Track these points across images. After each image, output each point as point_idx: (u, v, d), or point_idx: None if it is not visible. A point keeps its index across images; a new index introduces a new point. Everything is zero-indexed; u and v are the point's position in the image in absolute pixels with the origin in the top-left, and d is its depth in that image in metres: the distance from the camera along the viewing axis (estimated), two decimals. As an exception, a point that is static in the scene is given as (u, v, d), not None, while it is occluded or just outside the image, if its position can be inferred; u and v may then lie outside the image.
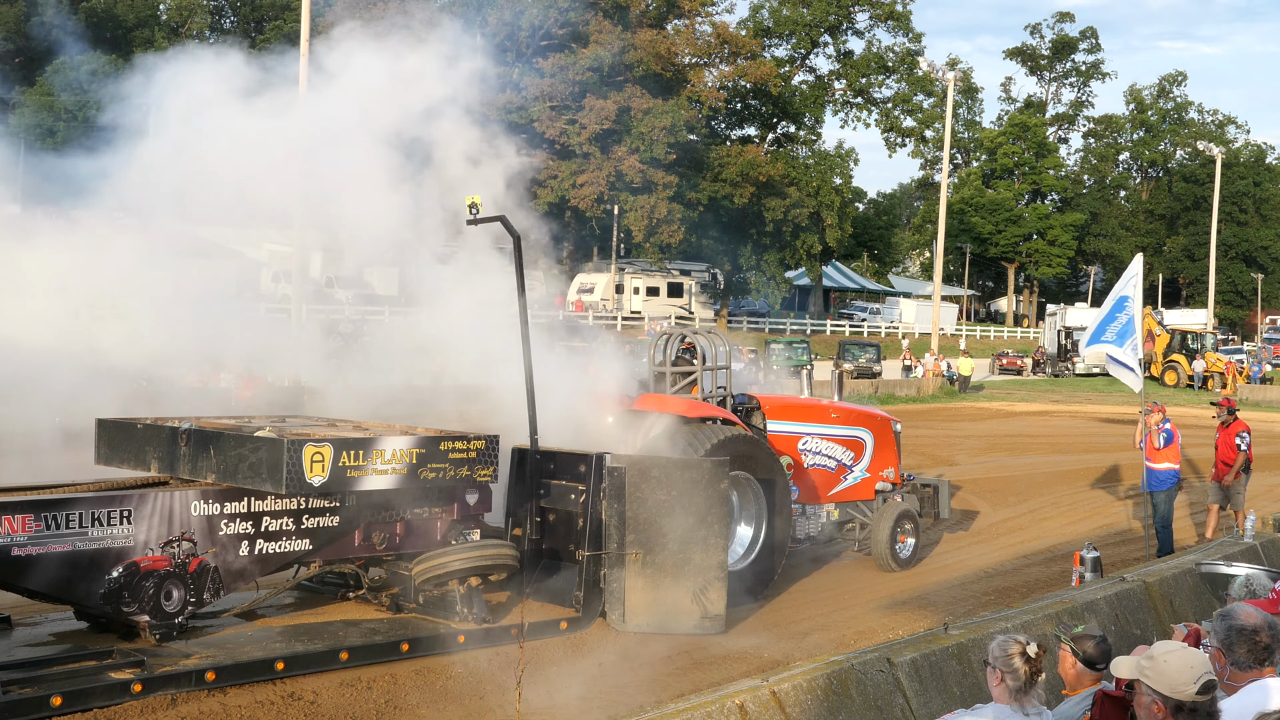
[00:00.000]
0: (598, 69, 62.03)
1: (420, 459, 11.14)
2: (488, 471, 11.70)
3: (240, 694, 9.91)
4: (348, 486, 10.81)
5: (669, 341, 15.55)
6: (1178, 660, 5.39)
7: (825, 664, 8.73)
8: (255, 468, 10.49)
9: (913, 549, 16.67)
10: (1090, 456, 30.24)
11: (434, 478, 11.29)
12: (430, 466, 11.21)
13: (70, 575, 9.92)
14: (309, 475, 10.41)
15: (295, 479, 10.34)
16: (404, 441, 11.12)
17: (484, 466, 11.65)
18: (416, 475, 11.15)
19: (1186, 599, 12.56)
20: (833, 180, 77.25)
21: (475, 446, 11.55)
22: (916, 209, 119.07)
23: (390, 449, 10.97)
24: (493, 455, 11.68)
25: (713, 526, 12.50)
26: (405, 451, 11.05)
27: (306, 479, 10.41)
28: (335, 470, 10.57)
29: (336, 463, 10.57)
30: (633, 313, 69.20)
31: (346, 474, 10.68)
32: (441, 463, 11.30)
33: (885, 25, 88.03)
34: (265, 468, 10.42)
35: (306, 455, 10.39)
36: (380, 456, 10.90)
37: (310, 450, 10.42)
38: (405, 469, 11.06)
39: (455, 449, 11.39)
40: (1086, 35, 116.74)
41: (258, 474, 10.48)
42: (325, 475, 10.52)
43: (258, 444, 10.55)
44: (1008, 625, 9.84)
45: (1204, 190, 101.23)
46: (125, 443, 11.84)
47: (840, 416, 16.67)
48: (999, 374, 67.48)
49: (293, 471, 10.29)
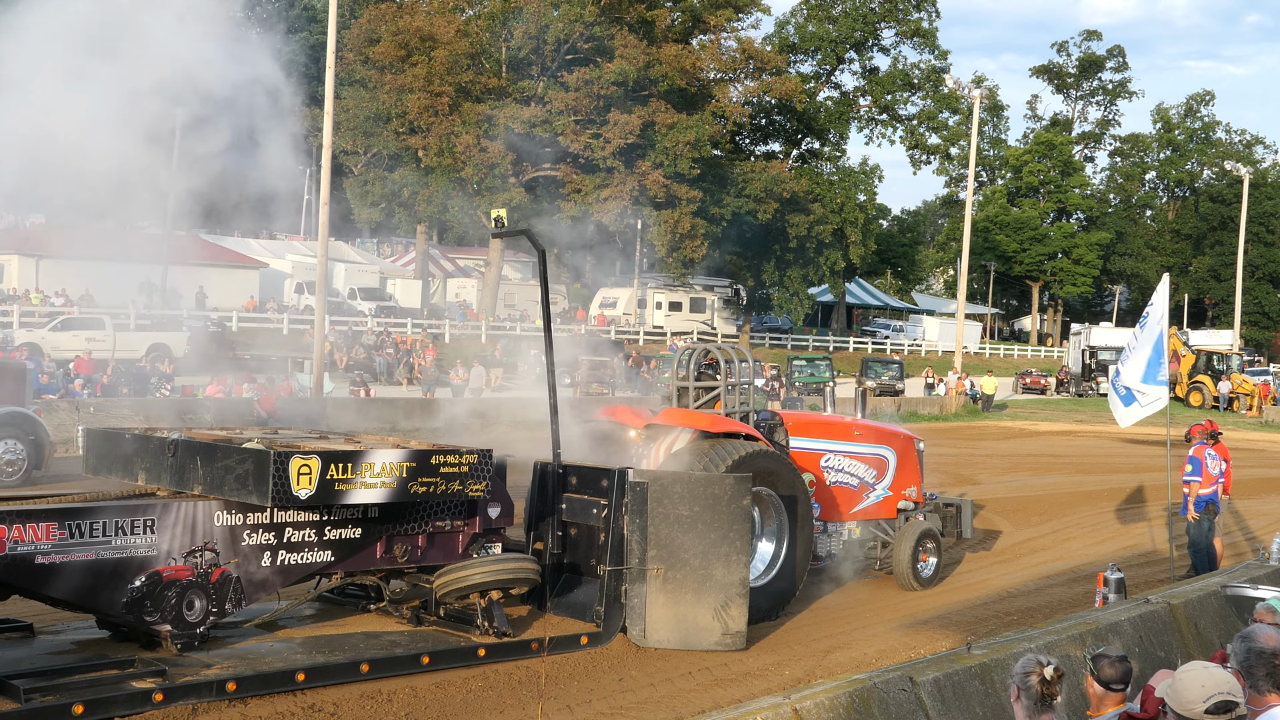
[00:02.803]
0: (623, 83, 62.09)
1: (410, 472, 10.94)
2: (480, 486, 11.47)
3: (261, 705, 9.91)
4: (336, 500, 10.62)
5: (692, 356, 15.53)
6: (1190, 679, 5.36)
7: (847, 682, 8.68)
8: (242, 479, 10.33)
9: (934, 568, 16.56)
10: (1114, 477, 30.10)
11: (425, 492, 11.09)
12: (421, 480, 11.02)
13: (93, 584, 9.95)
14: (296, 488, 10.23)
15: (281, 491, 10.15)
16: (394, 455, 10.93)
17: (476, 481, 11.41)
18: (407, 489, 10.96)
19: (1211, 622, 12.46)
20: (857, 197, 77.14)
21: (468, 460, 11.32)
22: (941, 226, 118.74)
23: (380, 462, 10.77)
24: (485, 469, 11.47)
25: (735, 542, 12.46)
26: (395, 465, 10.85)
27: (293, 491, 10.22)
28: (323, 483, 10.38)
29: (324, 475, 10.39)
30: (655, 328, 69.17)
31: (334, 487, 10.49)
32: (433, 477, 11.09)
33: (911, 42, 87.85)
34: (251, 480, 10.25)
35: (293, 467, 10.21)
36: (369, 469, 10.69)
37: (297, 463, 10.25)
38: (395, 482, 10.86)
39: (447, 463, 11.19)
40: (1114, 54, 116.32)
41: (244, 486, 10.32)
42: (312, 488, 10.33)
43: (244, 456, 10.40)
44: (1031, 645, 9.77)
45: (1231, 210, 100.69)
46: (113, 453, 11.74)
47: (863, 434, 16.61)
48: (1022, 393, 67.25)
49: (279, 484, 10.11)
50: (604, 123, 62.12)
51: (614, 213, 62.91)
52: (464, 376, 43.70)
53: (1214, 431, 18.55)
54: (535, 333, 57.10)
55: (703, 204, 64.89)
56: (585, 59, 63.76)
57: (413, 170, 62.93)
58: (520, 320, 64.71)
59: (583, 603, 12.62)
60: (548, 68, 63.84)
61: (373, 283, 67.52)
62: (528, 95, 62.68)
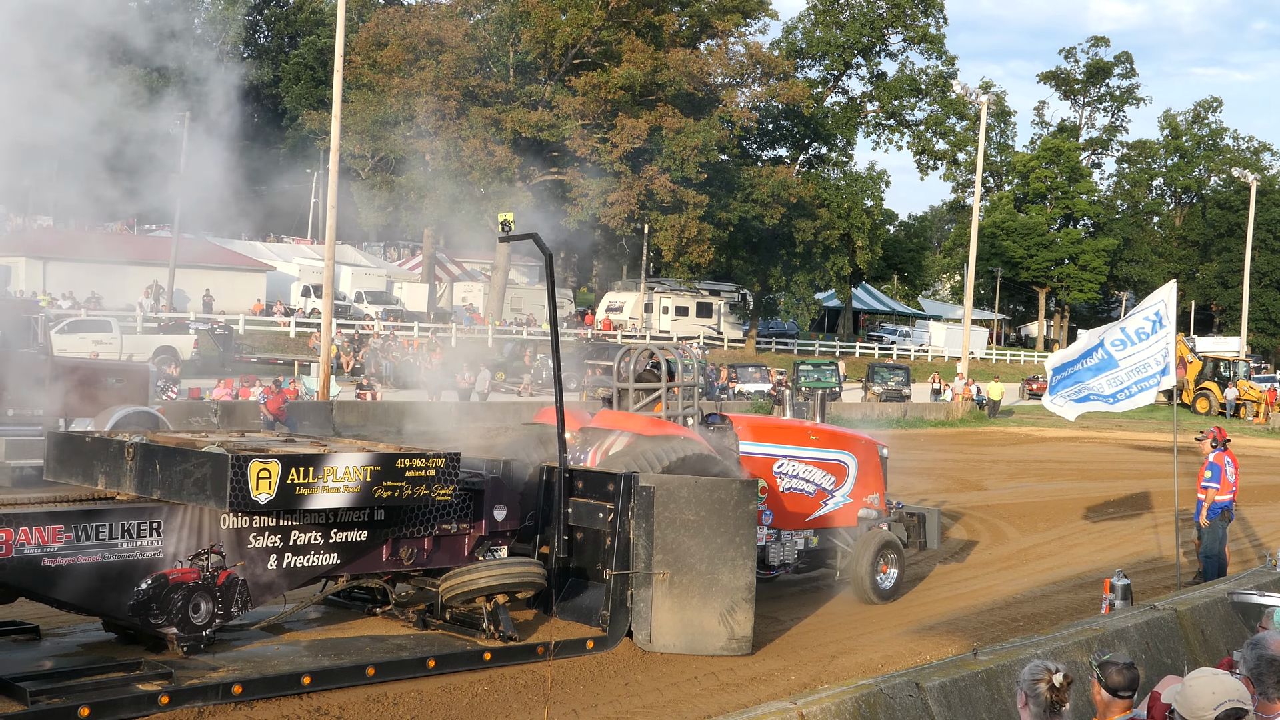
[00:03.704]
0: (630, 88, 62.12)
1: (375, 476, 10.76)
2: (446, 491, 11.27)
3: (266, 708, 9.92)
4: (297, 504, 10.42)
5: (635, 357, 15.34)
6: (1200, 685, 5.35)
7: (854, 687, 8.66)
8: (200, 484, 10.17)
9: (895, 580, 15.87)
10: (1120, 483, 30.06)
11: (389, 496, 10.92)
12: (385, 485, 10.84)
13: (99, 587, 9.96)
14: (254, 492, 10.05)
15: (240, 496, 9.98)
16: (357, 458, 10.75)
17: (443, 485, 11.21)
18: (371, 493, 10.78)
19: (1218, 628, 12.43)
20: (864, 202, 77.11)
21: (434, 464, 11.12)
22: (948, 232, 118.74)
23: (342, 466, 10.59)
24: (452, 473, 11.27)
25: (741, 547, 12.45)
26: (358, 469, 10.66)
27: (252, 496, 10.04)
28: (283, 487, 10.20)
29: (284, 480, 10.21)
30: (661, 332, 69.18)
31: (295, 491, 10.30)
32: (398, 481, 10.90)
33: (919, 48, 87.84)
34: (210, 484, 10.09)
35: (252, 471, 10.02)
36: (331, 474, 10.51)
37: (256, 466, 10.06)
38: (359, 486, 10.68)
39: (413, 467, 10.99)
40: (1121, 60, 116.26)
41: (202, 490, 10.16)
42: (272, 492, 10.15)
43: (202, 459, 10.23)
44: (1037, 652, 9.75)
45: (1238, 217, 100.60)
46: (74, 456, 11.58)
47: (820, 439, 16.01)
48: (1029, 399, 67.13)
49: (237, 488, 9.93)
50: (611, 127, 62.17)
51: (621, 217, 62.96)
52: (470, 380, 43.73)
53: (1224, 439, 18.54)
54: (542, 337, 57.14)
55: (709, 209, 64.90)
56: (593, 63, 63.82)
57: (420, 174, 62.98)
58: (526, 324, 64.73)
59: (589, 607, 12.61)
60: (555, 72, 63.90)
61: (379, 286, 67.60)
62: (535, 99, 62.70)
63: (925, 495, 25.50)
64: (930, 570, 18.23)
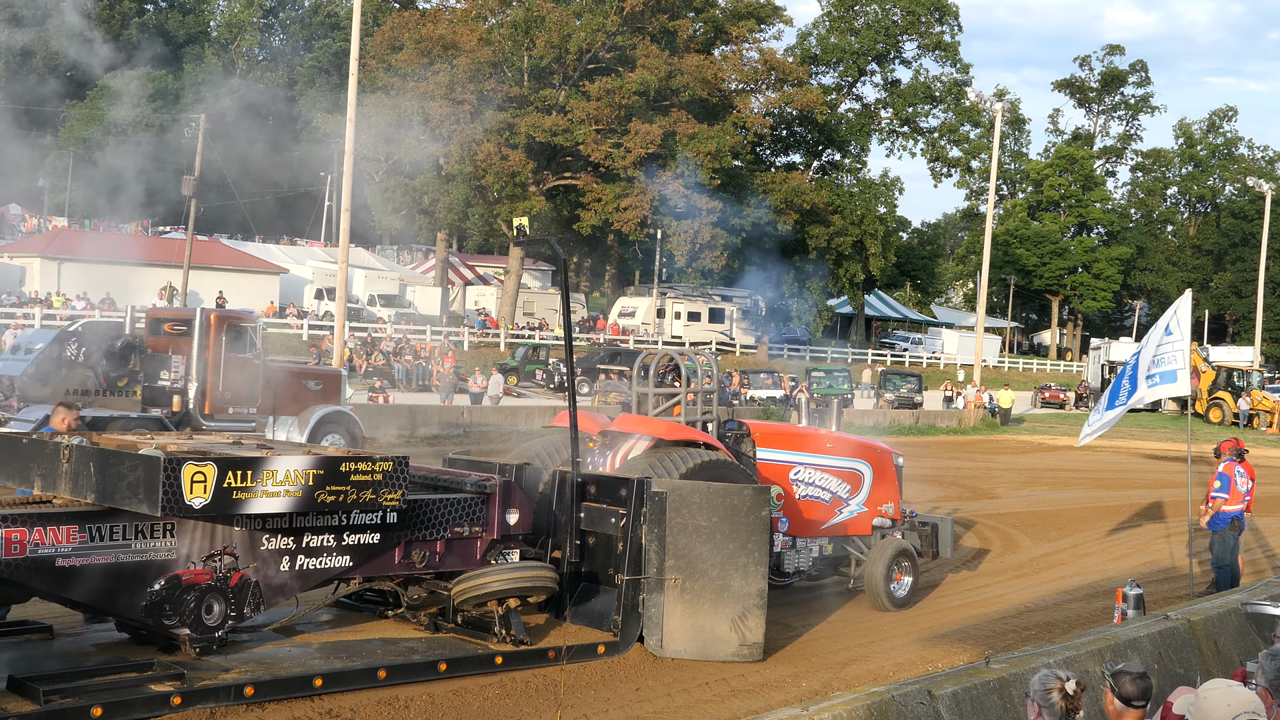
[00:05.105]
0: (644, 93, 62.19)
1: (318, 480, 10.43)
2: (395, 495, 10.95)
3: (278, 710, 9.93)
4: (234, 509, 10.10)
5: (654, 363, 15.38)
6: (1216, 697, 5.33)
7: (865, 694, 8.65)
8: (133, 487, 9.85)
9: (909, 588, 15.88)
10: (1134, 492, 29.99)
11: (333, 500, 10.61)
12: (329, 489, 10.51)
13: (112, 587, 9.97)
14: (189, 496, 9.69)
15: (173, 500, 9.63)
16: (299, 462, 10.41)
17: (391, 490, 10.89)
18: (313, 497, 10.46)
19: (1231, 639, 12.39)
20: (877, 209, 77.12)
21: (381, 468, 10.80)
22: (961, 239, 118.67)
23: (283, 469, 10.25)
24: (401, 478, 10.96)
25: (753, 553, 12.44)
26: (300, 472, 10.32)
27: (186, 500, 9.69)
28: (219, 491, 9.86)
29: (220, 483, 9.87)
30: (674, 337, 69.20)
31: (232, 495, 9.96)
32: (342, 485, 10.57)
33: (933, 55, 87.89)
34: (142, 487, 9.76)
35: (186, 475, 9.68)
36: (271, 477, 10.16)
37: (190, 469, 9.71)
38: (300, 490, 10.33)
39: (358, 470, 10.67)
40: (1136, 69, 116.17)
41: (134, 494, 9.82)
42: (207, 496, 9.80)
43: (135, 462, 9.91)
44: (1049, 660, 9.73)
45: (1253, 226, 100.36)
46: (11, 458, 11.30)
47: (836, 447, 16.01)
48: (1041, 407, 67.06)
49: (169, 491, 9.60)
50: (625, 132, 62.22)
51: (634, 222, 63.00)
52: (483, 384, 43.78)
53: (1240, 450, 18.46)
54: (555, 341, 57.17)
55: (723, 214, 64.92)
56: (607, 68, 63.91)
57: (434, 177, 63.12)
58: (539, 328, 64.78)
59: (600, 612, 12.60)
60: (570, 77, 63.96)
61: (392, 289, 67.72)
62: (549, 104, 62.76)
63: (937, 503, 25.45)
64: (942, 578, 18.20)
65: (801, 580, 15.73)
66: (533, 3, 61.58)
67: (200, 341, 23.80)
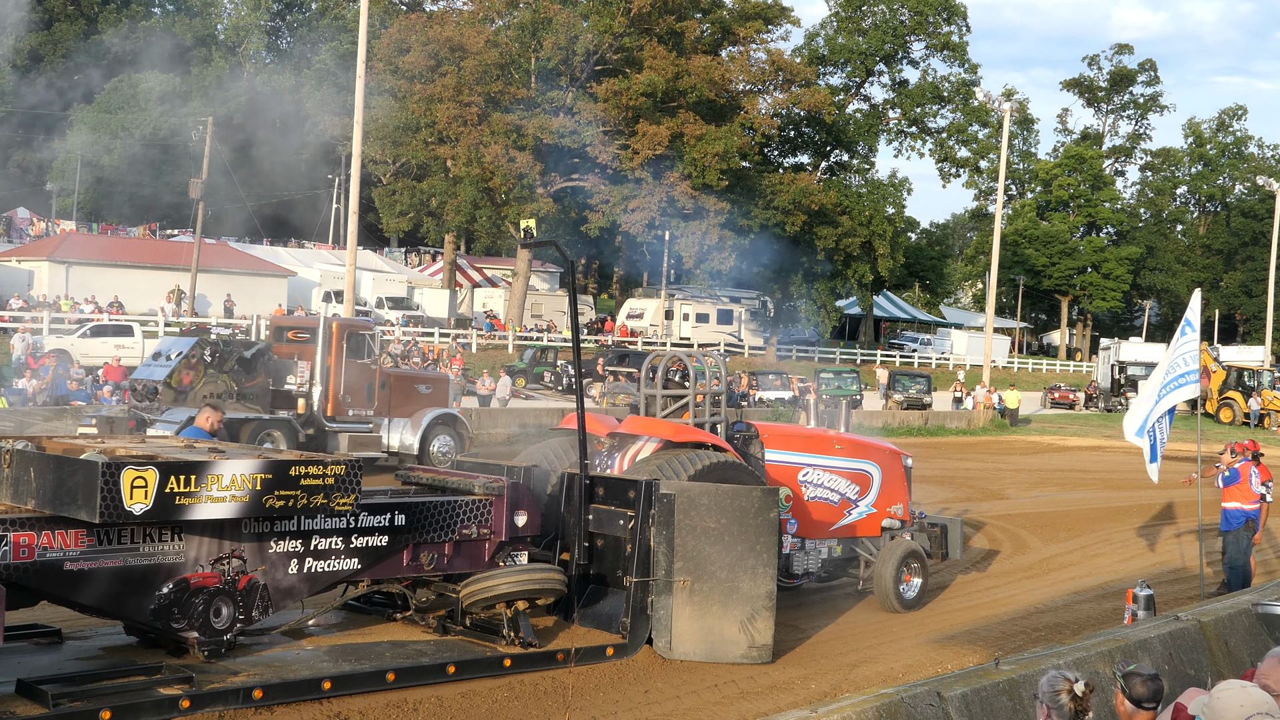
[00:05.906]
0: (651, 94, 62.16)
1: (265, 485, 10.22)
2: (348, 500, 10.74)
3: (287, 713, 9.93)
4: (176, 514, 9.89)
5: (662, 364, 15.37)
6: (1229, 698, 5.31)
7: (874, 696, 8.62)
8: (71, 493, 9.65)
9: (919, 590, 15.86)
10: (1143, 493, 29.87)
11: (283, 505, 10.41)
12: (278, 493, 10.30)
13: (121, 591, 9.96)
14: (128, 502, 9.50)
15: (111, 505, 9.43)
16: (245, 466, 10.22)
17: (343, 494, 10.69)
18: (261, 502, 10.25)
19: (1242, 640, 12.35)
20: (885, 209, 76.97)
21: (333, 472, 10.61)
22: (969, 240, 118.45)
23: (229, 474, 10.06)
24: (354, 482, 10.77)
25: (762, 555, 12.42)
26: (247, 477, 10.13)
27: (125, 506, 9.50)
28: (161, 496, 9.66)
29: (163, 489, 9.67)
30: (682, 339, 69.15)
31: (175, 501, 9.77)
32: (291, 489, 10.37)
33: (941, 55, 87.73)
34: (80, 493, 9.56)
35: (126, 480, 9.48)
36: (216, 482, 9.96)
37: (130, 474, 9.51)
38: (247, 495, 10.13)
39: (308, 474, 10.49)
40: (1145, 68, 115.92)
41: (73, 500, 9.61)
42: (149, 502, 9.60)
43: (75, 467, 9.72)
44: (1059, 662, 9.70)
45: (1263, 225, 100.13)
46: None
47: (845, 448, 15.96)
48: (1050, 407, 66.94)
49: (108, 497, 9.40)
50: (633, 134, 62.19)
51: (642, 224, 62.97)
52: (491, 386, 43.80)
53: (1256, 452, 18.42)
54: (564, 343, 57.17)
55: (731, 215, 64.87)
56: (614, 70, 63.88)
57: (441, 180, 63.12)
58: (547, 330, 64.78)
59: (609, 614, 12.59)
60: (577, 78, 63.95)
61: (400, 292, 67.74)
62: (556, 106, 62.76)
63: (947, 504, 25.42)
64: (952, 580, 18.17)
65: (810, 582, 15.71)
66: (540, 4, 61.57)
67: (324, 348, 25.25)
